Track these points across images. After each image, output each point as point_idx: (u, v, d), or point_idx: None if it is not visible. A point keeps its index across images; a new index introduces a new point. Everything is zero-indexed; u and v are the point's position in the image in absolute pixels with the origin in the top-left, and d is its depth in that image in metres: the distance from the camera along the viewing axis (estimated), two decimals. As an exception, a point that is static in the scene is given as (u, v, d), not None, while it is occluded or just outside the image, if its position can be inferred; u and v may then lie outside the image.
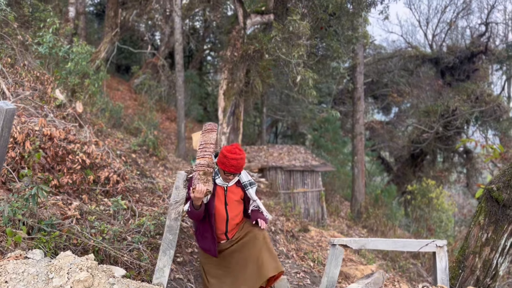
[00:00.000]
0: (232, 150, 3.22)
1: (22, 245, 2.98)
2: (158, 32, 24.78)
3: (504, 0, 19.05)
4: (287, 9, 10.34)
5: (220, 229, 3.41)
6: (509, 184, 3.82)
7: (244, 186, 3.45)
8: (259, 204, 3.49)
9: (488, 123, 15.42)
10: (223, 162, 3.20)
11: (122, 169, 5.46)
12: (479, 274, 3.95)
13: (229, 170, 3.20)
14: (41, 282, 2.71)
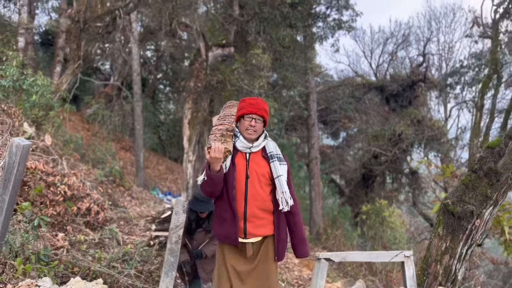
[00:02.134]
0: (247, 98, 2.91)
1: (31, 274, 3.09)
2: (109, 62, 24.68)
3: (438, 33, 20.97)
4: (246, 42, 10.92)
5: (239, 211, 2.74)
6: (462, 198, 4.40)
7: (270, 156, 2.80)
8: (288, 201, 2.71)
9: (430, 146, 16.72)
10: (240, 107, 2.79)
11: (101, 200, 5.57)
12: (441, 280, 4.46)
13: (248, 110, 2.72)
14: (56, 308, 2.85)
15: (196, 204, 4.21)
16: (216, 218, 2.84)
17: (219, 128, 2.71)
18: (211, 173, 2.61)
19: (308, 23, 12.34)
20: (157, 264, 4.86)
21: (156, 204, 9.59)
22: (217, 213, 2.83)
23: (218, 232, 2.82)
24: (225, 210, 2.75)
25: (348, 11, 12.45)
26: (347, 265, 12.23)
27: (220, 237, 2.83)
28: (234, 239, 2.73)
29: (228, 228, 2.74)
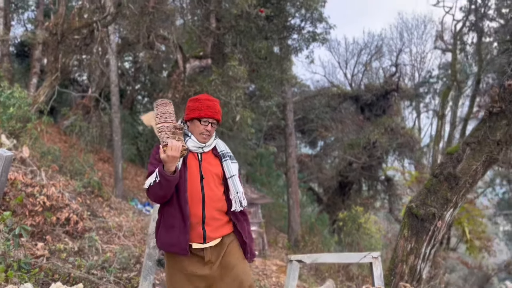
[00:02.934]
0: (201, 95, 2.72)
1: (14, 280, 3.20)
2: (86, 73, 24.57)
3: (410, 44, 21.74)
4: (223, 54, 11.18)
5: (195, 215, 2.53)
6: (424, 202, 4.71)
7: (222, 155, 2.68)
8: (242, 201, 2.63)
9: (404, 153, 17.26)
10: (195, 107, 2.62)
11: (80, 210, 5.67)
12: (407, 279, 4.73)
13: (206, 114, 2.58)
14: (39, 311, 2.97)
15: None
16: (162, 225, 2.57)
17: (166, 126, 2.45)
18: (166, 174, 2.36)
19: (284, 35, 12.70)
20: (135, 271, 4.99)
21: (135, 215, 9.65)
22: (164, 220, 2.56)
23: (164, 241, 2.53)
24: (173, 216, 2.50)
25: (322, 24, 12.86)
26: (324, 271, 12.49)
27: (165, 246, 2.54)
28: (183, 248, 2.49)
29: (177, 235, 2.49)
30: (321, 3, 12.51)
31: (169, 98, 10.36)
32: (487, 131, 4.48)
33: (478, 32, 6.17)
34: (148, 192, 2.48)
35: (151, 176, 2.44)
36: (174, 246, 2.50)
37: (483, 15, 6.96)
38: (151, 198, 2.53)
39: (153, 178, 2.41)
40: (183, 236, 2.48)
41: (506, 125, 4.43)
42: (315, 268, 12.51)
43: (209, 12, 10.67)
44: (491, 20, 7.27)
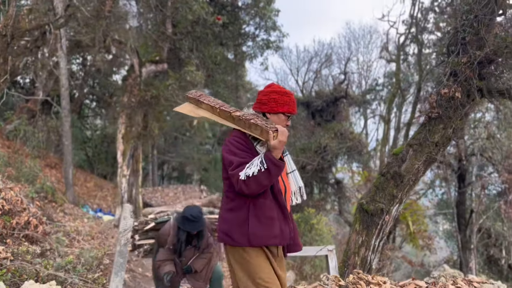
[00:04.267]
0: (283, 88, 2.59)
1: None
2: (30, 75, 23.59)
3: (357, 53, 22.83)
4: (179, 59, 11.31)
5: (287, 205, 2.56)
6: (374, 198, 5.15)
7: (284, 150, 2.54)
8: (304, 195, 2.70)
9: (352, 156, 18.08)
10: (284, 101, 2.51)
11: (39, 214, 5.62)
12: (359, 269, 5.14)
13: (293, 110, 2.52)
14: (13, 308, 3.03)
15: (186, 224, 4.16)
16: (254, 219, 2.39)
17: (242, 113, 2.39)
18: (277, 160, 2.22)
19: (239, 42, 13.03)
20: (100, 272, 5.05)
21: (89, 220, 9.52)
22: (255, 213, 2.39)
23: (263, 233, 2.37)
24: (270, 208, 2.40)
25: (276, 32, 13.33)
26: (279, 272, 12.83)
27: (264, 239, 2.39)
28: (287, 238, 2.46)
29: (279, 226, 2.41)
30: (275, 12, 12.98)
31: (124, 102, 10.35)
32: (427, 134, 5.00)
33: (419, 44, 6.78)
34: (245, 183, 2.25)
35: (250, 165, 2.26)
36: (276, 238, 2.41)
37: (423, 28, 7.63)
38: (250, 189, 2.28)
39: (255, 166, 2.23)
40: (286, 226, 2.45)
41: (442, 128, 4.97)
42: (270, 269, 12.81)
43: (166, 18, 10.77)
44: (430, 33, 7.95)
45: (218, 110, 2.48)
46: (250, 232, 2.37)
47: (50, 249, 5.03)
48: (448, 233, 23.93)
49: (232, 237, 2.42)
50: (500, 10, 4.82)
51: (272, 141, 2.23)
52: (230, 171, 2.34)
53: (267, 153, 2.26)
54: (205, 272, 4.41)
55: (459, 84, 4.80)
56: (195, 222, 4.13)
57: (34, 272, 3.81)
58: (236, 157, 2.37)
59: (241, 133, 2.48)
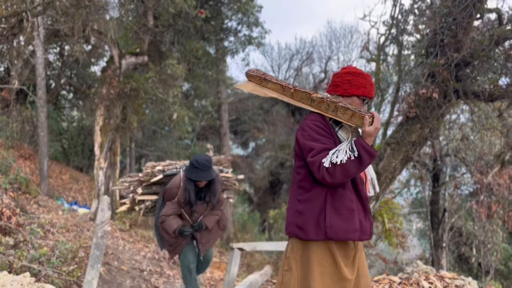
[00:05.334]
0: (358, 69, 2.40)
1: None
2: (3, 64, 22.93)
3: (338, 52, 23.01)
4: (160, 52, 11.19)
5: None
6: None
7: None
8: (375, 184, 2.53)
9: (331, 154, 18.34)
10: (360, 83, 2.31)
11: (12, 205, 5.49)
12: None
13: (370, 94, 2.34)
14: (-15, 300, 2.97)
15: (193, 173, 3.86)
16: (335, 210, 2.17)
17: (326, 96, 2.21)
18: (370, 148, 2.01)
19: (220, 37, 12.97)
20: (74, 265, 4.98)
21: (64, 213, 9.36)
22: (332, 204, 2.18)
23: (342, 227, 2.15)
24: (350, 199, 2.19)
25: (258, 28, 13.33)
26: (255, 267, 12.91)
27: (342, 233, 2.16)
28: (368, 233, 2.24)
29: (359, 220, 2.19)
30: (257, 8, 12.97)
31: (103, 93, 10.19)
32: (404, 133, 5.11)
33: (399, 45, 6.92)
34: (329, 171, 2.04)
35: (336, 152, 2.05)
36: (356, 232, 2.18)
37: (403, 30, 7.76)
38: (334, 179, 2.06)
39: (344, 154, 2.01)
40: (366, 220, 2.24)
41: (420, 128, 5.09)
42: (247, 265, 12.90)
43: (147, 9, 10.64)
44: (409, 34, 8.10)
45: (292, 91, 2.28)
46: (327, 225, 2.15)
47: (23, 240, 4.93)
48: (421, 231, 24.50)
49: (306, 230, 2.19)
50: (477, 14, 4.96)
51: (367, 127, 2.01)
52: (310, 157, 2.11)
53: (359, 139, 2.03)
54: (215, 231, 4.24)
55: (437, 85, 4.92)
56: (202, 170, 3.82)
57: (7, 264, 3.73)
58: (317, 143, 2.15)
59: (319, 116, 2.24)
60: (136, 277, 6.25)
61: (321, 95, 2.21)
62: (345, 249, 2.22)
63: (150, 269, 6.99)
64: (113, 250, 7.16)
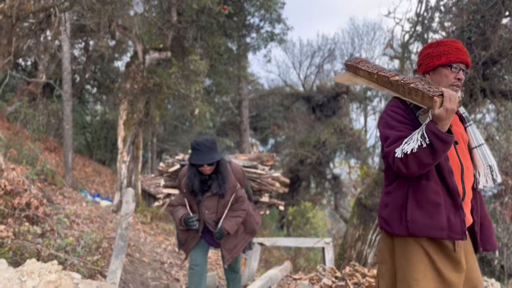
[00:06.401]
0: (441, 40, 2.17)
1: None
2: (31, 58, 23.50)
3: (360, 49, 22.82)
4: (183, 47, 11.30)
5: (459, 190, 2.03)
6: (372, 193, 5.21)
7: (466, 118, 2.18)
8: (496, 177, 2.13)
9: (351, 153, 18.18)
10: (441, 52, 2.06)
11: (40, 195, 5.66)
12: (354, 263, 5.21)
13: (457, 58, 2.03)
14: (16, 285, 3.09)
15: (193, 156, 3.36)
16: (417, 203, 1.98)
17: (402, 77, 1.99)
18: (443, 133, 1.77)
19: (243, 33, 13.01)
20: (98, 255, 5.11)
21: (88, 204, 9.58)
22: (414, 197, 1.99)
23: (425, 222, 1.94)
24: (436, 192, 1.96)
25: (280, 25, 13.31)
26: (273, 263, 12.96)
27: (426, 229, 1.95)
28: (459, 231, 1.95)
29: (447, 216, 1.95)
30: (280, 4, 12.95)
31: (127, 88, 10.36)
32: (428, 131, 5.03)
33: (424, 43, 6.81)
34: (403, 162, 1.87)
35: (409, 140, 1.87)
36: (443, 230, 1.94)
37: (428, 27, 7.64)
38: (409, 169, 1.89)
39: (415, 142, 1.83)
40: (456, 217, 1.96)
41: (444, 127, 5.01)
42: (265, 260, 12.94)
43: (171, 5, 10.75)
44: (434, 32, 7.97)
45: (376, 76, 2.12)
46: (408, 219, 1.96)
47: (50, 230, 5.08)
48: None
49: (391, 224, 2.05)
50: (506, 12, 4.85)
51: (436, 109, 1.78)
52: (386, 147, 1.97)
53: (429, 124, 1.82)
54: (241, 236, 3.62)
55: (463, 84, 4.83)
56: (202, 152, 3.28)
57: (35, 251, 3.86)
58: (393, 130, 1.99)
59: (400, 101, 2.07)
60: (157, 269, 6.37)
61: (399, 77, 2.01)
62: (442, 248, 1.99)
63: (170, 261, 7.10)
64: (134, 242, 7.31)
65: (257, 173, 4.19)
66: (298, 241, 4.74)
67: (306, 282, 3.72)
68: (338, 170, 20.04)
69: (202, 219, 3.53)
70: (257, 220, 3.74)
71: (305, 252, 13.50)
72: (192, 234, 3.57)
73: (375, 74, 2.12)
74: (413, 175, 1.94)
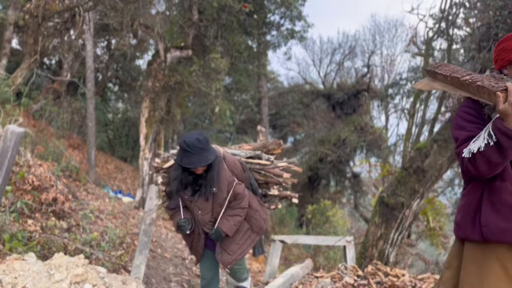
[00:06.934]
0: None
1: (18, 250, 3.38)
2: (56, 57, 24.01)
3: (381, 46, 22.50)
4: (204, 46, 11.38)
5: None
6: (395, 192, 5.16)
7: None
8: None
9: (372, 151, 18.00)
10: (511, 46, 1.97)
11: (66, 191, 5.80)
12: (376, 262, 5.17)
13: None
14: (44, 278, 3.18)
15: (181, 157, 2.99)
16: (492, 206, 1.88)
17: (475, 77, 1.91)
18: (508, 131, 1.69)
19: (263, 31, 13.01)
20: (122, 250, 5.21)
21: (111, 200, 9.76)
22: (491, 199, 1.89)
23: (501, 226, 1.84)
24: (510, 192, 1.86)
25: (301, 22, 13.26)
26: (292, 261, 12.96)
27: (501, 233, 1.84)
28: None
29: None
30: (301, 1, 12.90)
31: (149, 86, 10.49)
32: (452, 130, 4.95)
33: (449, 40, 6.68)
34: (471, 162, 1.82)
35: (476, 139, 1.81)
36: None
37: (452, 23, 7.50)
38: (478, 170, 1.83)
39: (482, 140, 1.77)
40: None
41: (469, 125, 4.91)
42: (284, 258, 12.95)
43: (192, 4, 10.83)
44: (459, 28, 7.83)
45: (449, 78, 2.05)
46: (482, 223, 1.87)
47: (76, 225, 5.21)
48: (465, 233, 23.68)
49: (463, 228, 1.97)
50: (535, 7, 4.72)
51: (500, 104, 1.69)
52: (455, 148, 1.93)
53: (495, 121, 1.74)
54: (245, 236, 3.26)
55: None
56: (193, 154, 2.94)
57: (62, 246, 3.96)
58: (463, 131, 1.94)
59: (472, 101, 2.01)
60: (179, 264, 6.45)
61: (469, 76, 1.93)
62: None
63: (191, 258, 7.18)
64: (156, 238, 7.42)
65: (261, 164, 3.67)
66: (319, 239, 4.74)
67: (328, 280, 3.71)
68: (358, 169, 19.87)
69: (197, 221, 3.23)
70: (263, 216, 3.39)
71: (324, 251, 13.44)
72: (197, 237, 3.29)
73: (449, 76, 2.05)
74: (483, 176, 1.86)
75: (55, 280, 3.18)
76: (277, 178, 3.76)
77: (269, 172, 3.72)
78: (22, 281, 3.06)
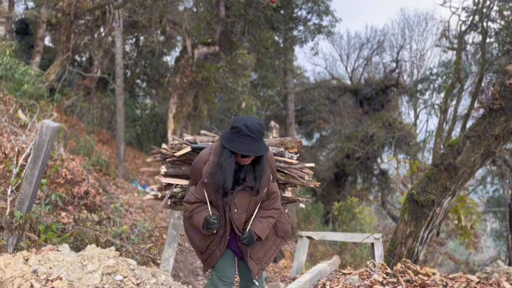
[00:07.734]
0: None
1: (53, 241, 3.49)
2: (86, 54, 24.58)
3: (411, 41, 22.01)
4: (230, 42, 11.41)
5: None
6: (425, 189, 5.05)
7: None
8: None
9: (400, 147, 17.65)
10: None
11: (97, 185, 5.96)
12: (405, 260, 5.09)
13: None
14: (78, 268, 3.28)
15: (235, 141, 2.43)
16: None
17: None
18: None
19: (290, 26, 12.93)
20: (150, 243, 5.30)
21: (139, 195, 9.94)
22: None
23: None
24: None
25: (328, 17, 13.11)
26: (318, 258, 12.89)
27: None
28: None
29: None
30: (328, -4, 12.75)
31: (177, 82, 10.61)
32: (486, 126, 4.80)
33: (483, 33, 6.45)
34: None
35: None
36: None
37: (486, 16, 7.25)
38: None
39: None
40: None
41: (504, 121, 4.75)
42: (310, 255, 12.90)
43: (219, 0, 10.87)
44: (492, 21, 7.56)
45: None
46: None
47: (106, 218, 5.34)
48: (497, 232, 22.98)
49: None
50: None
51: None
52: None
53: None
54: (271, 241, 2.81)
55: None
56: (254, 140, 2.42)
57: (94, 238, 4.07)
58: None
59: None
60: (205, 258, 6.52)
61: None
62: None
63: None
64: (183, 232, 7.52)
65: (287, 162, 3.15)
66: (346, 236, 4.70)
67: (356, 277, 3.68)
68: (386, 166, 19.55)
69: (228, 220, 2.68)
70: (287, 218, 2.96)
71: (351, 248, 13.31)
72: (218, 239, 2.74)
73: None
74: None
75: (88, 271, 3.28)
76: (300, 180, 3.23)
77: (292, 172, 3.21)
78: (57, 271, 3.16)
